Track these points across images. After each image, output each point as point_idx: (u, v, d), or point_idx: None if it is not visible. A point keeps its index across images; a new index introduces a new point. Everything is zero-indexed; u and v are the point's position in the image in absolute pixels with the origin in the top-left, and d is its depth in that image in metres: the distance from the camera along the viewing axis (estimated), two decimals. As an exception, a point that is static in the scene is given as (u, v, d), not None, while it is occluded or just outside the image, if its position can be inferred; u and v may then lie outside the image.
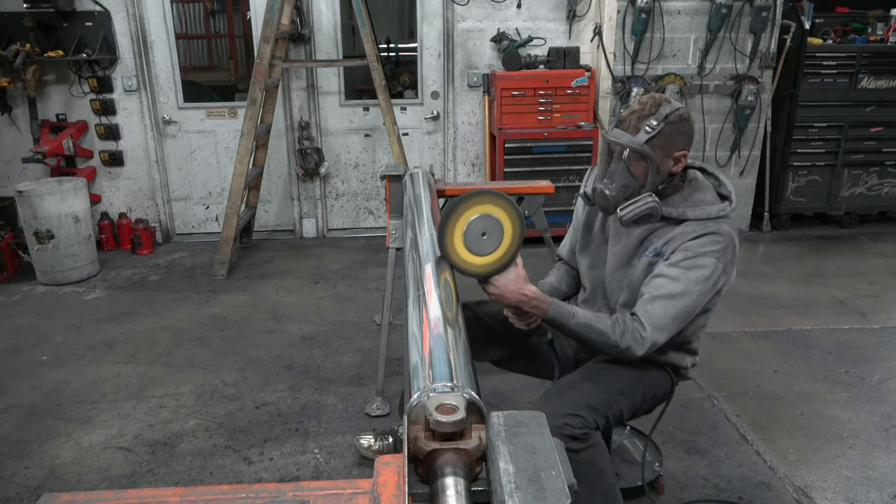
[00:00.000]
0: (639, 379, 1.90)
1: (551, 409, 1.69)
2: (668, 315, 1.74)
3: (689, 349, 1.97)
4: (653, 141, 1.75)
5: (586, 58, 5.06)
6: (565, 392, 1.82)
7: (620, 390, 1.85)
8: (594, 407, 1.76)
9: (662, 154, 1.78)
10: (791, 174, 5.28)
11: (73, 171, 5.12)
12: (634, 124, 1.78)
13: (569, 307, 1.79)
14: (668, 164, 1.80)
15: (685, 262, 1.75)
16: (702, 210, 1.80)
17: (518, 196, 3.11)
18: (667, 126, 1.75)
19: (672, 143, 1.77)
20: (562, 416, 1.69)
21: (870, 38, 5.07)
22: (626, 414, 1.91)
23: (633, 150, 1.77)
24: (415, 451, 0.89)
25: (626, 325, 1.75)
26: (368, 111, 5.34)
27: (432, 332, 1.22)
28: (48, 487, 2.47)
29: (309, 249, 5.25)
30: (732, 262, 1.80)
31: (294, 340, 3.63)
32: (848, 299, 4.06)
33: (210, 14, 5.64)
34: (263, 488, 0.88)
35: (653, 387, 1.94)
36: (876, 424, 2.77)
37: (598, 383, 1.84)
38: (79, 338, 3.70)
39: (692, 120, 1.84)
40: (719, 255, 1.75)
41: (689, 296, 1.74)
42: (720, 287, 1.80)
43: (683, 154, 1.80)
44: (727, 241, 1.77)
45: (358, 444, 2.63)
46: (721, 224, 1.78)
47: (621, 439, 2.57)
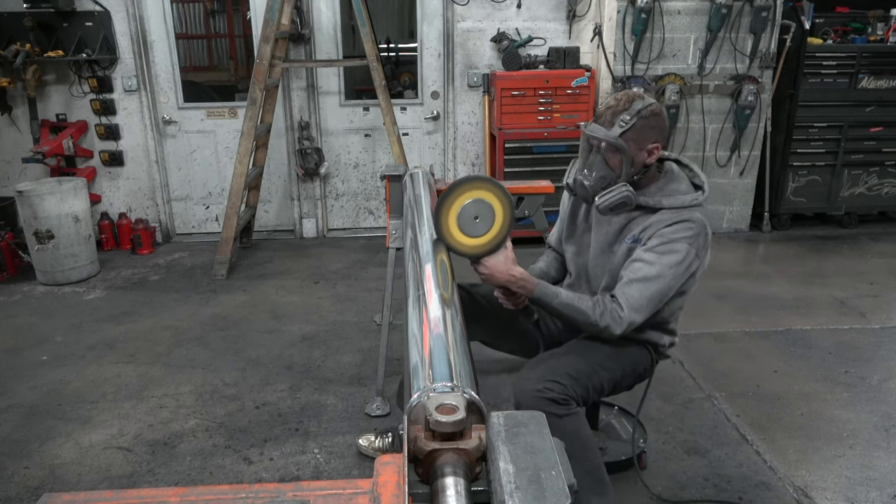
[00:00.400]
0: (617, 354, 2.01)
1: (532, 375, 1.87)
2: (643, 297, 1.87)
3: (666, 329, 2.09)
4: (626, 134, 1.87)
5: (586, 58, 5.06)
6: (546, 361, 1.95)
7: (599, 363, 1.97)
8: (574, 376, 1.88)
9: (636, 146, 1.89)
10: (791, 174, 5.28)
11: (73, 171, 5.12)
12: (609, 119, 1.89)
13: (553, 288, 1.93)
14: (642, 156, 1.92)
15: (660, 248, 1.88)
16: (676, 199, 1.92)
17: (518, 196, 3.11)
18: (639, 120, 1.87)
19: (645, 136, 1.89)
20: (542, 381, 1.83)
21: (870, 38, 5.06)
22: (607, 387, 2.01)
23: (609, 142, 1.89)
24: (415, 451, 0.89)
25: (605, 306, 1.89)
26: (368, 111, 5.34)
27: (432, 332, 1.22)
28: (48, 487, 2.47)
29: (309, 249, 5.25)
30: (705, 247, 1.92)
31: (294, 340, 3.63)
32: (848, 299, 4.06)
33: (210, 14, 5.64)
34: (263, 488, 0.88)
35: (632, 362, 2.06)
36: (876, 424, 2.77)
37: (579, 355, 1.97)
38: (79, 338, 3.70)
39: (665, 115, 1.95)
40: (692, 240, 1.88)
41: (664, 279, 1.87)
42: (694, 271, 1.93)
43: (656, 146, 1.91)
44: (699, 228, 1.89)
45: (358, 443, 2.64)
46: (694, 212, 1.91)
47: (609, 418, 2.67)
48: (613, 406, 2.71)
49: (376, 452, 2.56)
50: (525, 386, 1.85)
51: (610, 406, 2.71)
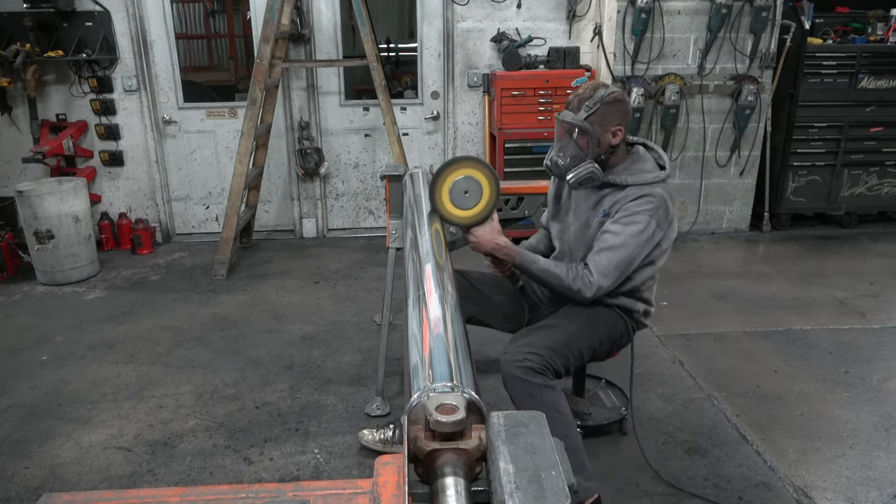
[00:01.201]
0: (592, 322, 2.23)
1: (513, 348, 2.08)
2: (611, 264, 2.12)
3: (639, 297, 2.31)
4: (591, 118, 2.14)
5: (586, 58, 5.06)
6: (526, 336, 2.17)
7: (575, 333, 2.19)
8: (552, 347, 2.10)
9: (601, 129, 2.16)
10: (791, 174, 5.28)
11: (73, 171, 5.12)
12: (577, 105, 2.17)
13: (533, 255, 2.23)
14: (606, 137, 2.17)
15: (624, 220, 2.13)
16: (640, 177, 2.18)
17: (518, 196, 3.11)
18: (602, 105, 2.13)
19: (608, 119, 2.15)
20: (522, 352, 2.05)
21: (870, 38, 5.06)
22: (586, 354, 2.23)
23: (576, 125, 2.15)
24: (415, 451, 0.89)
25: (577, 272, 2.16)
26: (368, 111, 5.34)
27: (432, 332, 1.22)
28: (48, 487, 2.47)
29: (309, 249, 5.25)
30: (667, 219, 2.16)
31: (294, 340, 3.63)
32: (848, 299, 4.06)
33: (210, 14, 5.64)
34: (263, 488, 0.88)
35: (608, 328, 2.26)
36: (876, 424, 2.77)
37: (555, 328, 2.19)
38: (79, 338, 3.70)
39: (627, 101, 2.21)
40: (652, 213, 2.12)
41: (628, 247, 2.12)
42: (659, 241, 2.16)
43: (619, 128, 2.17)
44: (659, 202, 2.13)
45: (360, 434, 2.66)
46: (655, 188, 2.15)
47: (595, 389, 2.92)
48: (601, 378, 2.96)
49: (377, 444, 2.60)
50: (507, 358, 2.06)
51: (597, 378, 2.96)
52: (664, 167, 2.23)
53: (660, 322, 3.76)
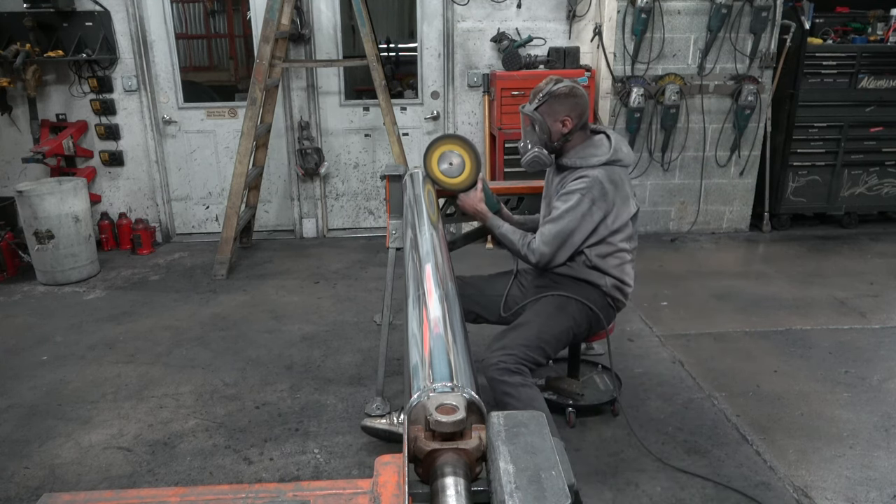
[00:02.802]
0: (559, 310, 2.43)
1: (490, 354, 2.28)
2: (550, 234, 2.40)
3: (605, 271, 2.48)
4: (540, 108, 2.42)
5: (586, 58, 5.06)
6: (501, 339, 2.36)
7: (545, 324, 2.38)
8: (524, 344, 2.30)
9: (550, 118, 2.42)
10: (791, 174, 5.28)
11: (73, 171, 5.12)
12: (531, 97, 2.45)
13: (500, 222, 2.56)
14: (556, 126, 2.43)
15: (563, 197, 2.41)
16: (585, 160, 2.42)
17: (518, 196, 3.11)
18: (550, 98, 2.41)
19: (555, 109, 2.41)
20: (497, 356, 2.26)
21: (870, 38, 5.06)
22: (564, 337, 2.44)
23: (527, 115, 2.45)
24: (415, 451, 0.89)
25: (525, 239, 2.47)
26: (368, 111, 5.34)
27: (432, 332, 1.22)
28: (48, 487, 2.47)
29: (309, 249, 5.25)
30: (603, 198, 2.36)
31: (294, 340, 3.63)
32: (848, 299, 4.06)
33: (210, 14, 5.64)
34: (263, 488, 0.88)
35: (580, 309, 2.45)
36: (876, 424, 2.77)
37: (526, 325, 2.39)
38: (79, 338, 3.70)
39: (578, 94, 2.42)
40: (584, 191, 2.36)
41: (563, 220, 2.38)
42: (602, 219, 2.38)
43: (567, 118, 2.41)
44: (592, 182, 2.36)
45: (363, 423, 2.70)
46: (594, 170, 2.38)
47: (592, 374, 3.05)
48: (597, 364, 3.12)
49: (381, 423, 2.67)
50: (486, 363, 2.27)
51: (594, 364, 3.13)
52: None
53: (660, 322, 3.76)
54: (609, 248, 2.46)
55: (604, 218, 2.39)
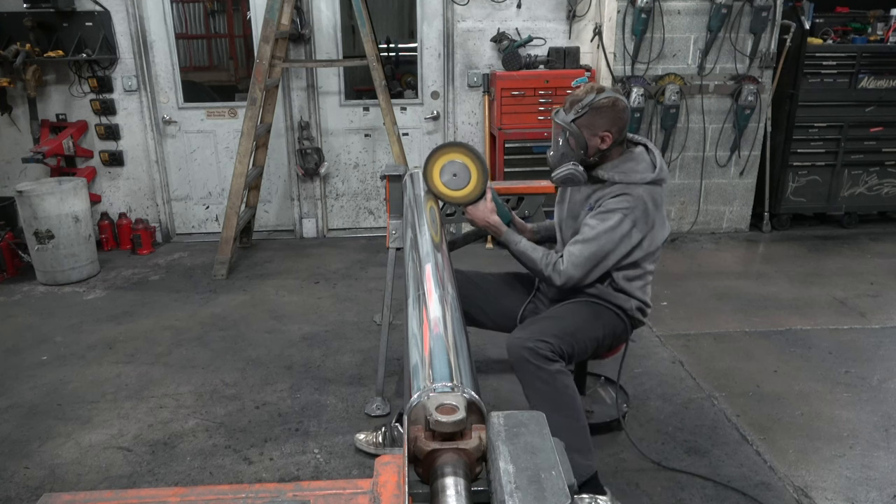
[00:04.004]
0: (596, 316, 2.29)
1: (523, 334, 2.13)
2: (581, 255, 2.19)
3: (631, 294, 2.33)
4: (579, 120, 2.20)
5: (586, 58, 5.06)
6: (535, 323, 2.24)
7: (581, 325, 2.24)
8: (559, 336, 2.14)
9: (588, 132, 2.21)
10: (791, 174, 5.28)
11: (73, 171, 5.12)
12: (568, 107, 2.23)
13: (517, 236, 2.32)
14: (594, 141, 2.22)
15: (600, 215, 2.19)
16: (626, 175, 2.21)
17: (518, 196, 3.11)
18: (591, 110, 2.18)
19: (595, 123, 2.19)
20: (533, 340, 2.09)
21: (870, 38, 5.06)
22: (590, 347, 2.28)
23: (563, 126, 2.23)
24: (415, 451, 0.89)
25: (550, 259, 2.25)
26: (368, 111, 5.34)
27: (432, 332, 1.22)
28: (48, 487, 2.47)
29: (309, 249, 5.25)
30: (645, 220, 2.18)
31: (294, 340, 3.63)
32: (848, 299, 4.06)
33: (210, 14, 5.64)
34: (263, 488, 0.88)
35: (611, 325, 2.31)
36: (876, 424, 2.77)
37: (562, 318, 2.25)
38: (79, 338, 3.70)
39: (620, 107, 2.21)
40: (627, 211, 2.16)
41: (598, 241, 2.17)
42: (638, 242, 2.20)
43: (607, 134, 2.20)
44: (636, 202, 2.16)
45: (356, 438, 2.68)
46: (637, 188, 2.19)
47: (595, 387, 2.96)
48: (600, 376, 3.01)
49: (369, 447, 2.62)
50: (517, 343, 2.11)
51: (596, 376, 3.01)
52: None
53: (660, 322, 3.76)
54: (637, 271, 2.31)
55: (641, 241, 2.21)
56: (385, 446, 2.58)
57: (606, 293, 2.31)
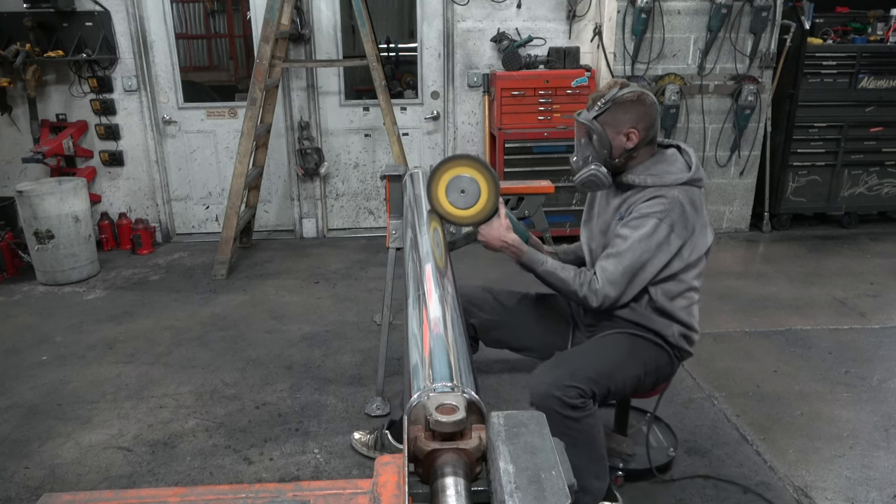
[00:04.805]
0: (636, 351, 2.04)
1: (550, 377, 1.89)
2: (617, 270, 1.95)
3: (673, 316, 2.08)
4: (601, 117, 2.01)
5: (586, 58, 5.06)
6: (565, 363, 1.97)
7: (620, 363, 2.00)
8: (594, 378, 1.90)
9: (612, 130, 2.01)
10: (791, 174, 5.28)
11: (73, 171, 5.12)
12: (591, 104, 2.05)
13: (541, 256, 2.06)
14: (619, 140, 2.02)
15: (633, 222, 1.97)
16: (659, 178, 2.01)
17: (518, 196, 3.11)
18: (614, 105, 1.99)
19: (620, 120, 2.00)
20: (561, 387, 1.85)
21: (870, 38, 5.06)
22: (629, 387, 2.04)
23: (584, 124, 2.03)
24: (415, 451, 0.89)
25: (584, 277, 2.00)
26: (368, 111, 5.34)
27: (432, 332, 1.22)
28: (48, 487, 2.47)
29: (309, 249, 5.25)
30: (684, 224, 1.96)
31: (294, 340, 3.63)
32: (848, 299, 4.06)
33: (210, 14, 5.64)
34: (263, 488, 0.88)
35: (652, 360, 2.07)
36: (876, 424, 2.77)
37: (597, 355, 2.01)
38: (79, 338, 3.70)
39: (647, 101, 2.02)
40: (662, 215, 1.94)
41: (634, 252, 1.94)
42: (674, 248, 1.96)
43: (633, 131, 2.01)
44: (672, 204, 1.95)
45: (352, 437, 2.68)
46: (672, 189, 1.98)
47: (639, 425, 2.62)
48: (645, 412, 2.63)
49: (362, 448, 2.62)
50: (543, 389, 1.86)
51: (641, 412, 2.67)
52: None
53: (660, 322, 3.76)
54: (679, 286, 2.06)
55: (680, 249, 1.98)
56: (375, 450, 2.58)
57: (645, 317, 2.07)
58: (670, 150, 2.11)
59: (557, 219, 4.97)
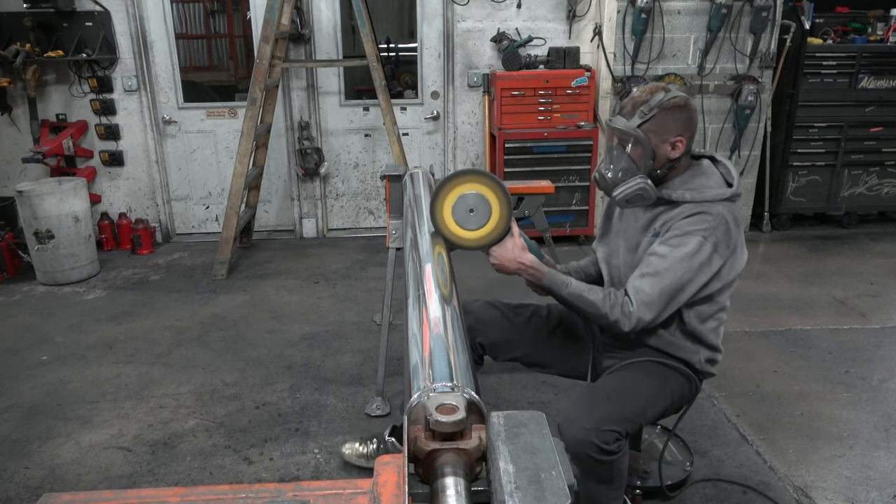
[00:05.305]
0: (664, 383, 1.94)
1: (588, 423, 1.74)
2: (654, 291, 1.80)
3: (703, 340, 1.96)
4: (646, 125, 1.84)
5: (586, 58, 5.06)
6: (600, 404, 1.83)
7: (649, 398, 1.91)
8: (629, 419, 1.81)
9: (658, 138, 1.85)
10: (791, 174, 5.28)
11: (73, 171, 5.12)
12: (630, 110, 1.87)
13: (564, 277, 1.89)
14: (664, 149, 1.87)
15: (673, 240, 1.82)
16: (699, 192, 1.86)
17: (518, 196, 3.11)
18: (660, 112, 1.83)
19: (666, 128, 1.85)
20: (599, 431, 1.73)
21: (870, 38, 5.06)
22: (657, 418, 1.99)
23: (627, 133, 1.86)
24: (415, 451, 0.90)
25: (615, 299, 1.83)
26: (368, 111, 5.34)
27: (432, 332, 1.22)
28: (48, 487, 2.47)
29: (309, 249, 5.25)
30: (727, 244, 1.82)
31: (294, 340, 3.63)
32: (848, 299, 4.06)
33: (210, 14, 5.64)
34: (263, 488, 0.88)
35: (679, 390, 1.98)
36: (876, 424, 2.77)
37: (631, 392, 1.88)
38: (79, 338, 3.70)
39: (692, 107, 1.89)
40: (707, 233, 1.79)
41: (674, 272, 1.79)
42: (715, 269, 1.83)
43: (680, 139, 1.86)
44: (717, 221, 1.81)
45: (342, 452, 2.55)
46: (715, 205, 1.83)
47: (651, 438, 2.58)
48: (656, 425, 2.59)
49: (360, 459, 2.50)
50: (581, 435, 1.73)
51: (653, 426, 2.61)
52: (731, 185, 1.92)
53: (660, 322, 3.75)
54: (712, 307, 1.93)
55: (720, 269, 1.84)
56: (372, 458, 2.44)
57: (674, 343, 1.95)
58: (706, 162, 1.97)
59: (557, 219, 4.97)
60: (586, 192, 5.03)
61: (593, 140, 4.91)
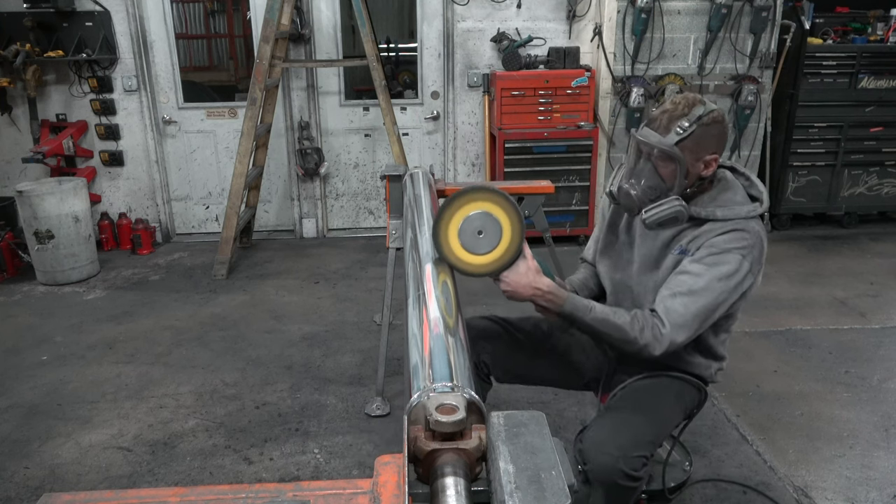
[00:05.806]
0: (679, 398, 1.91)
1: (616, 450, 1.65)
2: (688, 312, 1.69)
3: (715, 353, 1.92)
4: (683, 143, 1.71)
5: (586, 58, 5.06)
6: (625, 429, 1.73)
7: (669, 416, 1.87)
8: (653, 441, 1.76)
9: (692, 157, 1.73)
10: (791, 174, 5.28)
11: (73, 171, 5.12)
12: (665, 124, 1.74)
13: (586, 301, 1.73)
14: (697, 168, 1.75)
15: (709, 259, 1.71)
16: (731, 210, 1.76)
17: (518, 196, 3.11)
18: (699, 128, 1.72)
19: (703, 146, 1.73)
20: (628, 458, 1.65)
21: (870, 38, 5.06)
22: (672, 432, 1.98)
23: (662, 151, 1.73)
24: (415, 451, 0.90)
25: (645, 321, 1.69)
26: (368, 111, 5.34)
27: (432, 332, 1.22)
28: (48, 487, 2.47)
29: (309, 249, 5.25)
30: (759, 262, 1.75)
31: (294, 340, 3.63)
32: (848, 299, 4.06)
33: (210, 14, 5.64)
34: (263, 488, 0.88)
35: (691, 404, 1.96)
36: (876, 424, 2.77)
37: (652, 413, 1.81)
38: (79, 338, 3.70)
39: (727, 122, 1.80)
40: (745, 252, 1.70)
41: (711, 292, 1.68)
42: (745, 289, 1.74)
43: (714, 157, 1.76)
44: (754, 240, 1.72)
45: None
46: (750, 222, 1.74)
47: None
48: None
49: None
50: (610, 463, 1.63)
51: None
52: (758, 198, 1.82)
53: (660, 322, 3.75)
54: (728, 321, 1.88)
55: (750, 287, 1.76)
56: None
57: (688, 360, 1.89)
58: (729, 175, 1.87)
59: (557, 219, 4.97)
60: (586, 192, 5.03)
61: (593, 140, 4.91)
